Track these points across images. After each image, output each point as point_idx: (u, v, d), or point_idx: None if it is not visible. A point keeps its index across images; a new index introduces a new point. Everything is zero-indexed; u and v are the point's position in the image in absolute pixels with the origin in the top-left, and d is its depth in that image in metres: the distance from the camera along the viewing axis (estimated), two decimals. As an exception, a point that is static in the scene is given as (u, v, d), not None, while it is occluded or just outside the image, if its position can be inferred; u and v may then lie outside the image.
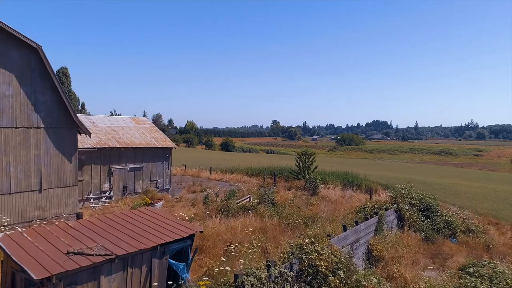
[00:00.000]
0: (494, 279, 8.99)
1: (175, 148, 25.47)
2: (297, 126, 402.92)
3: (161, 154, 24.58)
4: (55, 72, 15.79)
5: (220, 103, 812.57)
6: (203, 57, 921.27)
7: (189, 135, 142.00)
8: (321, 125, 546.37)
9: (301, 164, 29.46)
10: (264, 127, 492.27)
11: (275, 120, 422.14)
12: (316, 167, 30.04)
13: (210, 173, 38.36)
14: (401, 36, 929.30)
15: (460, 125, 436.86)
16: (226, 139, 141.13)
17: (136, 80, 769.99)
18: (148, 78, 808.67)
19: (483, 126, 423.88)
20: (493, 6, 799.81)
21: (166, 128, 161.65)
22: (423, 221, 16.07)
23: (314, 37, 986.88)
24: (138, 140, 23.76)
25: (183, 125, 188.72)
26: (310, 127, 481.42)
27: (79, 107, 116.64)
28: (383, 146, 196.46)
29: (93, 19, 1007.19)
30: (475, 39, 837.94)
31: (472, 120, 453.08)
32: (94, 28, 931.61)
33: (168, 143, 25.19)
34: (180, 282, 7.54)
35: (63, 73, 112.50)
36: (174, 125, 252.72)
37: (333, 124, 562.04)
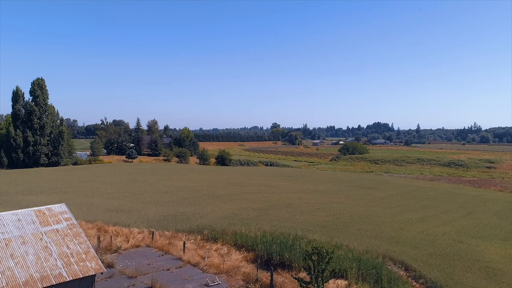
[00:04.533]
0: None
1: (102, 273, 15.10)
2: (298, 129, 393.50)
3: (74, 289, 14.21)
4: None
5: (220, 104, 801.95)
6: (203, 58, 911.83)
7: (182, 149, 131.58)
8: (321, 127, 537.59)
9: (312, 267, 19.22)
10: (264, 128, 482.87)
11: (275, 123, 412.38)
12: (334, 270, 19.87)
13: (184, 249, 27.92)
14: (401, 36, 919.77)
15: (463, 128, 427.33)
16: (222, 152, 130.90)
17: (134, 81, 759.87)
18: (146, 79, 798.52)
19: (486, 129, 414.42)
20: (494, 5, 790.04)
21: (160, 140, 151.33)
22: None
23: (314, 37, 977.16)
24: (28, 271, 13.39)
25: (181, 127, 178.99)
26: (311, 129, 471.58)
27: (58, 121, 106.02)
28: (388, 154, 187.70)
29: (90, 19, 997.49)
30: (477, 39, 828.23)
31: (475, 122, 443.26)
32: (89, 28, 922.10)
33: (90, 264, 14.78)
34: None
35: (39, 85, 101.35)
36: (171, 128, 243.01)
37: (334, 126, 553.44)
